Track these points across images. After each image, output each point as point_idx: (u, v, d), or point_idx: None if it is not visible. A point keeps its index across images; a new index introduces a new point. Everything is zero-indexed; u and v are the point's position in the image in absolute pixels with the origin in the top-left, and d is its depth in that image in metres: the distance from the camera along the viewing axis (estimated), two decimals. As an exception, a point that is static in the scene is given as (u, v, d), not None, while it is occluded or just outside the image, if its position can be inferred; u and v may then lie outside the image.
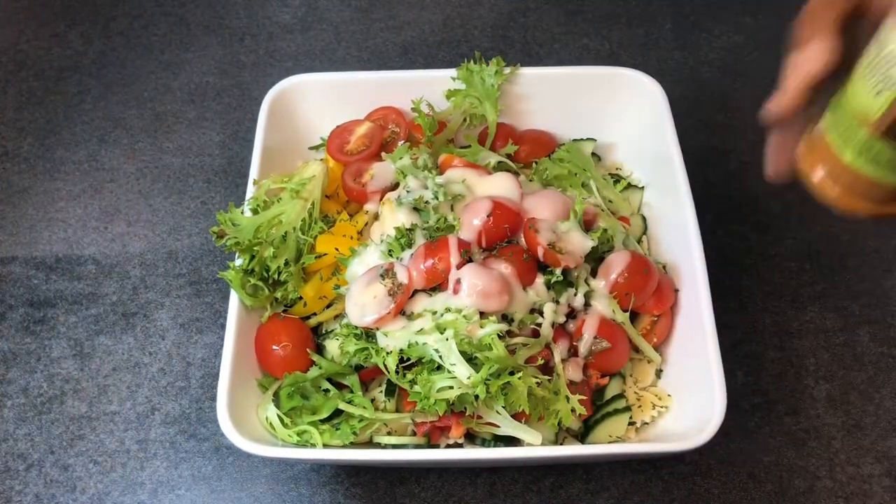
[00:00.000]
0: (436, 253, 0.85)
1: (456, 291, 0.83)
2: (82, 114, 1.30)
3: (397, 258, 0.88)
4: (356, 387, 0.88)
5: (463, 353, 0.79)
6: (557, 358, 0.85)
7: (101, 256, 1.14)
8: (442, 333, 0.80)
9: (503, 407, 0.80)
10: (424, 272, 0.85)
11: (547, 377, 0.83)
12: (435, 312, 0.83)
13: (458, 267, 0.84)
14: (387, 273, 0.85)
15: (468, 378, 0.78)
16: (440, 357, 0.80)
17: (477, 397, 0.78)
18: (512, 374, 0.79)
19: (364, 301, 0.84)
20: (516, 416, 0.82)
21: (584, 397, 0.84)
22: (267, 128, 1.04)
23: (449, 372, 0.79)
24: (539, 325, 0.86)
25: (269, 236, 0.92)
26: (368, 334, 0.86)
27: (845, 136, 0.61)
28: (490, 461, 0.90)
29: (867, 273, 1.10)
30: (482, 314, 0.82)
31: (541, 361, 0.83)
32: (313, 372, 0.88)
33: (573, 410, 0.83)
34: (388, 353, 0.83)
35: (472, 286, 0.82)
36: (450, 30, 1.40)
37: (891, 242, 1.12)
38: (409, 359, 0.83)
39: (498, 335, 0.80)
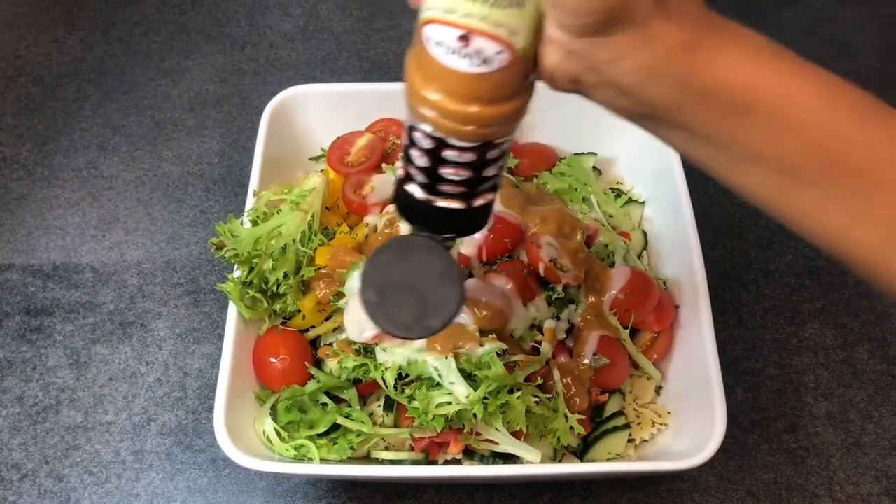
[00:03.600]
0: (436, 268, 0.84)
1: (456, 307, 0.82)
2: (81, 120, 1.29)
3: (397, 272, 0.88)
4: (354, 401, 0.88)
5: (462, 370, 0.78)
6: (557, 376, 0.85)
7: (99, 265, 1.13)
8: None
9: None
10: (424, 287, 0.84)
11: (547, 395, 0.82)
12: (434, 328, 0.82)
13: (459, 282, 0.83)
14: (386, 288, 0.84)
15: (467, 397, 0.77)
16: (439, 375, 0.79)
17: (475, 415, 0.78)
18: (511, 391, 0.79)
19: (362, 317, 0.83)
20: (515, 434, 0.82)
21: (583, 416, 0.83)
22: (267, 138, 1.04)
23: (447, 389, 0.79)
24: (539, 341, 0.85)
25: (269, 248, 0.91)
26: (367, 349, 0.86)
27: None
28: (488, 478, 0.89)
29: (867, 290, 1.09)
30: (482, 331, 0.82)
31: (539, 381, 0.82)
32: (311, 386, 0.87)
33: (572, 429, 0.82)
34: (386, 368, 0.82)
35: (472, 302, 0.82)
36: (451, 40, 1.39)
37: (891, 259, 1.12)
38: (407, 374, 0.82)
39: (497, 353, 0.79)
